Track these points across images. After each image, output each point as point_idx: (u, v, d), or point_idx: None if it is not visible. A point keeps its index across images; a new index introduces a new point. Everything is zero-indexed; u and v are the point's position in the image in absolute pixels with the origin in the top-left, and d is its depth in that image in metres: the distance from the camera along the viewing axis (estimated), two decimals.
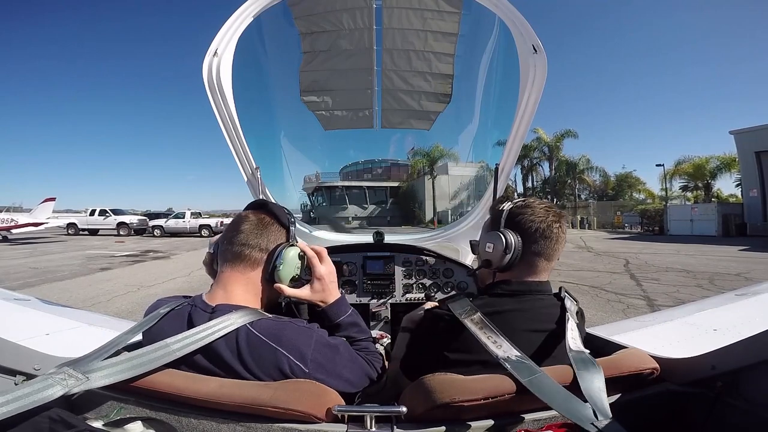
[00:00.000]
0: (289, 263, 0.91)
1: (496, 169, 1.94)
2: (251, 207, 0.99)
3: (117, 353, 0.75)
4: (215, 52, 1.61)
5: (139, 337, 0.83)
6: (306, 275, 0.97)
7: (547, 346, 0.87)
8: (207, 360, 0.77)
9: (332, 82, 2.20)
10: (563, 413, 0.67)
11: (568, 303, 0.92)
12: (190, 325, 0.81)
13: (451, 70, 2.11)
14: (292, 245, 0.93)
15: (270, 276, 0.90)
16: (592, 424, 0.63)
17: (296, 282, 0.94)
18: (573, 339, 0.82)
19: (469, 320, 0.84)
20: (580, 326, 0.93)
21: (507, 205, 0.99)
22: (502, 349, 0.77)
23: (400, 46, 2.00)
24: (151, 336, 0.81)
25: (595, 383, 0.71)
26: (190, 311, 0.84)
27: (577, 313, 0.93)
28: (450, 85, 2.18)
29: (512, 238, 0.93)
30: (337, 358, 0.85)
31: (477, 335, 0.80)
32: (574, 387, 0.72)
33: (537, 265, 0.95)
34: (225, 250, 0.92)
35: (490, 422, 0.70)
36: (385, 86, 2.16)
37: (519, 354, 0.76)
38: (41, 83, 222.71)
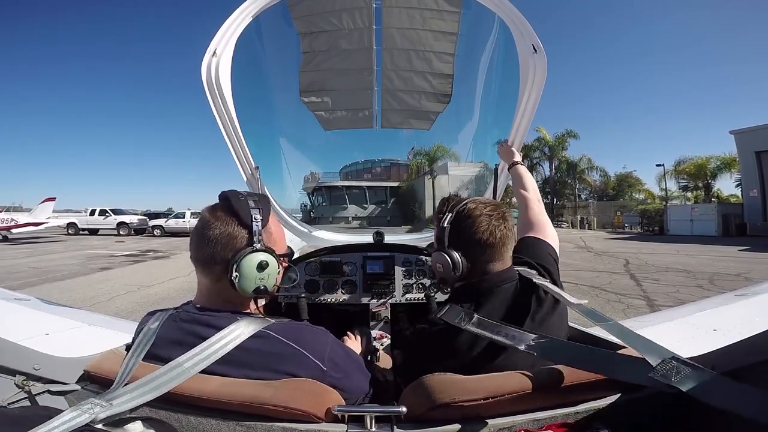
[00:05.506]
0: (246, 276, 0.78)
1: (496, 169, 1.94)
2: (220, 199, 0.84)
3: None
4: (214, 52, 1.60)
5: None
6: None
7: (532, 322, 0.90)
8: (219, 366, 0.75)
9: (332, 82, 2.20)
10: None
11: (535, 279, 0.94)
12: (196, 332, 0.79)
13: (451, 70, 2.11)
14: (253, 251, 0.79)
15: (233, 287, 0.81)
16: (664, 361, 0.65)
17: (262, 292, 0.82)
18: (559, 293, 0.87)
19: (470, 326, 0.83)
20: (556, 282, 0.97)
21: (448, 218, 0.97)
22: (516, 339, 0.77)
23: (400, 45, 1.99)
24: (154, 348, 0.78)
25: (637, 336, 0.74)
26: (189, 318, 0.81)
27: (541, 274, 0.97)
28: (450, 84, 2.18)
29: (457, 257, 0.94)
30: (349, 360, 0.88)
31: (486, 336, 0.80)
32: (565, 387, 0.72)
33: (490, 269, 0.96)
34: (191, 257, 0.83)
35: (490, 422, 0.70)
36: (385, 86, 2.16)
37: (534, 336, 0.76)
38: (41, 83, 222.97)
